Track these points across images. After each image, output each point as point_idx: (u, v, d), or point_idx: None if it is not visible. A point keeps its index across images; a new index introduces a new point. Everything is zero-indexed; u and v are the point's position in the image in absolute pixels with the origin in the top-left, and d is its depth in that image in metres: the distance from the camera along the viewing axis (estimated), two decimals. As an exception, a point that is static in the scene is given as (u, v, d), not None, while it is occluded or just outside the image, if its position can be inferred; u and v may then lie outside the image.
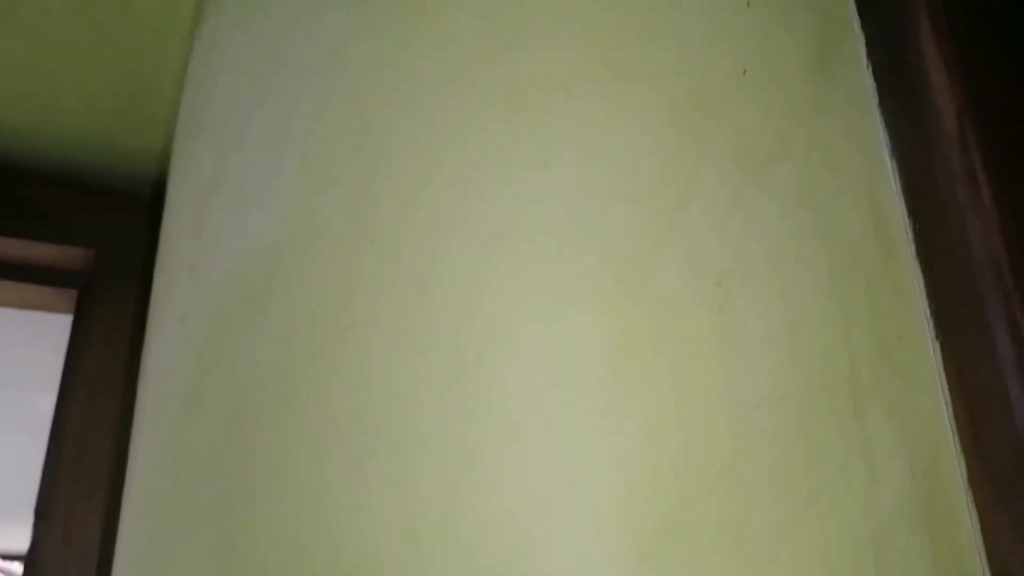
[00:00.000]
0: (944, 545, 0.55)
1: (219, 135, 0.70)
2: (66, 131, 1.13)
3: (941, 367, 0.61)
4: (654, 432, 0.51)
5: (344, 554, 0.50)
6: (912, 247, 0.64)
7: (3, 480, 2.76)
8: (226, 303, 0.65)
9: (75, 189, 1.20)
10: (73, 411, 1.30)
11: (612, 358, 0.53)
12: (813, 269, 0.60)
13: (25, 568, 1.21)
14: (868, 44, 0.71)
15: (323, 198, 0.60)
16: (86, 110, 1.09)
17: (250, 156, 0.65)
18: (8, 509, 3.17)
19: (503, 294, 0.54)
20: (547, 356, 0.53)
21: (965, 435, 0.59)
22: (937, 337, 0.62)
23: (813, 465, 0.53)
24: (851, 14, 0.72)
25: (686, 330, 0.55)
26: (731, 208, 0.59)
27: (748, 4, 0.69)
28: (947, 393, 0.60)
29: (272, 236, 0.63)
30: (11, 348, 2.01)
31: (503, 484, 0.49)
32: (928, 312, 0.63)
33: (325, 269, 0.60)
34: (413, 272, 0.56)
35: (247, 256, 0.64)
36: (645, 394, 0.52)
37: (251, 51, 0.70)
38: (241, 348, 0.63)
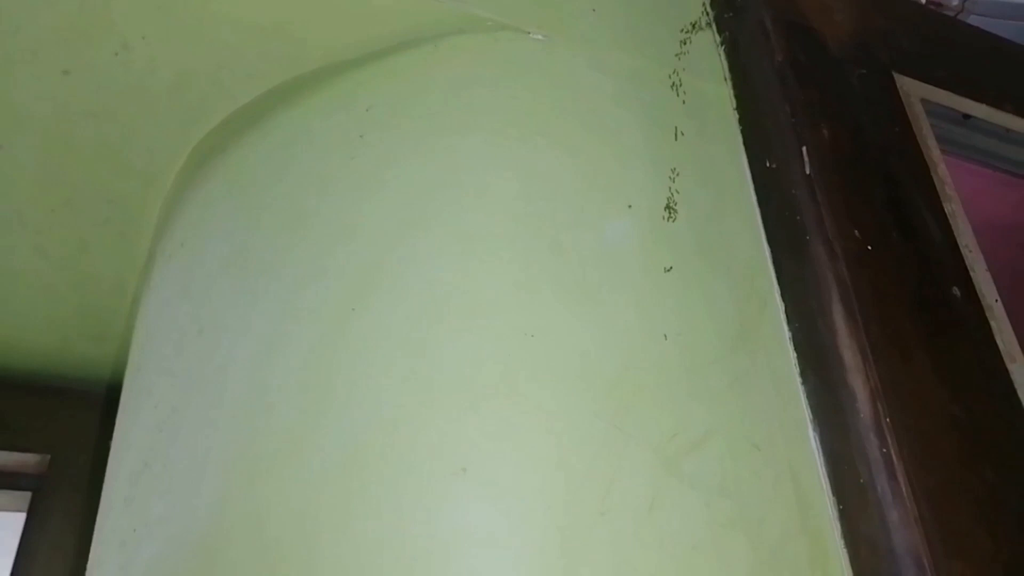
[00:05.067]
0: None
1: (154, 414, 0.71)
2: (25, 344, 1.14)
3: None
4: None
5: None
6: (839, 529, 0.64)
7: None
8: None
9: (31, 395, 1.21)
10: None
11: None
12: (733, 568, 0.59)
13: None
14: (788, 314, 0.72)
15: (245, 502, 0.61)
16: (46, 327, 1.11)
17: (179, 450, 0.66)
18: None
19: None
20: None
21: None
22: (869, 624, 0.61)
23: None
24: (771, 283, 0.74)
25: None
26: (652, 505, 0.60)
27: (667, 271, 0.71)
28: None
29: (196, 531, 0.62)
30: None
31: None
32: (859, 601, 0.62)
33: (248, 568, 0.60)
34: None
35: (172, 545, 0.64)
36: None
37: (189, 328, 0.72)
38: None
